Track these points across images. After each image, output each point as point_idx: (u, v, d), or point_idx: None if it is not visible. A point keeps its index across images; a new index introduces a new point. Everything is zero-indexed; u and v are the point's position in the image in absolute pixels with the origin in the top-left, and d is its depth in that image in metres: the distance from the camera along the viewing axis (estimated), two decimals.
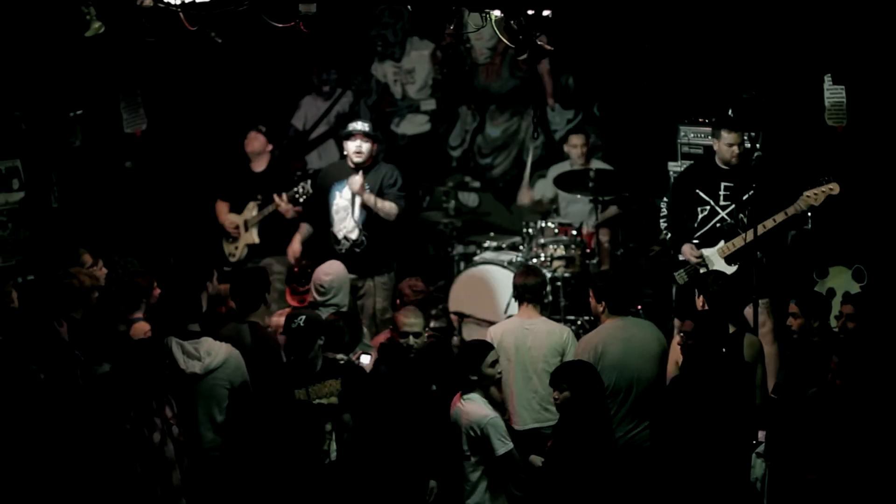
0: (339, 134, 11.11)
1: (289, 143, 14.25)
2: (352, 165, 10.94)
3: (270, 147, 12.14)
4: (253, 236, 11.86)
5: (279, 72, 14.15)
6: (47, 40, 11.04)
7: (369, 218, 10.86)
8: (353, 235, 10.81)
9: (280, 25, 10.99)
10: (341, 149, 14.23)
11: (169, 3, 10.37)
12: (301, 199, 11.39)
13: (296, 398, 7.88)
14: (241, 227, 11.92)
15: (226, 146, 13.06)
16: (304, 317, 8.12)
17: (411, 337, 8.39)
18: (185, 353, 7.84)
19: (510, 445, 8.00)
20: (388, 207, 10.86)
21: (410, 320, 8.47)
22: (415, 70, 14.52)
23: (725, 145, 10.13)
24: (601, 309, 8.79)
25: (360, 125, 10.98)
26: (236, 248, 11.91)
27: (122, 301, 9.09)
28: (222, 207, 12.15)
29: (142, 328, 8.86)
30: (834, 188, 9.71)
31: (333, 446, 7.98)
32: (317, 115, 14.55)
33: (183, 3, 10.40)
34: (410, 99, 14.58)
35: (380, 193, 10.93)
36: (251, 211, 11.83)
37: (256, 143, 12.03)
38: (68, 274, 8.73)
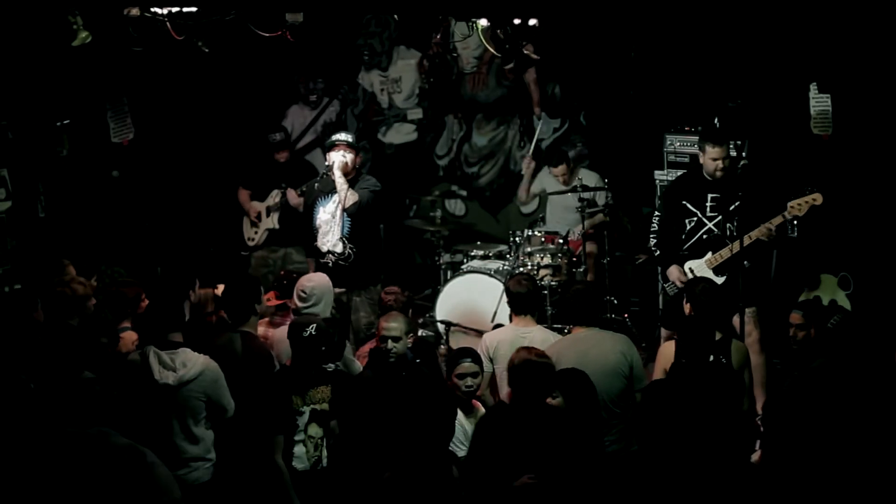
0: (324, 144, 11.14)
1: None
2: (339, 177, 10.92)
3: (294, 146, 12.97)
4: (273, 221, 12.38)
5: (266, 81, 14.15)
6: (34, 49, 11.04)
7: (353, 231, 10.79)
8: (338, 249, 10.78)
9: (267, 35, 11.01)
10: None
11: (156, 13, 10.38)
12: None
13: (294, 405, 7.88)
14: (263, 213, 12.37)
15: (247, 136, 13.45)
16: (314, 325, 8.11)
17: (390, 341, 8.35)
18: (161, 363, 7.78)
19: (460, 452, 7.96)
20: (352, 196, 10.77)
21: (390, 324, 8.43)
22: (401, 79, 14.54)
23: (710, 159, 10.11)
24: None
25: (342, 136, 10.94)
26: (256, 232, 12.42)
27: (108, 311, 9.08)
28: (245, 195, 12.63)
29: (130, 338, 8.85)
30: (817, 198, 9.71)
31: (325, 452, 7.98)
32: (304, 125, 14.57)
33: (170, 12, 10.42)
34: (397, 108, 14.59)
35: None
36: (274, 198, 12.23)
37: (282, 155, 12.66)
38: (62, 282, 8.74)
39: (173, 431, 7.78)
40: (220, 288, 9.74)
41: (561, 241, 12.07)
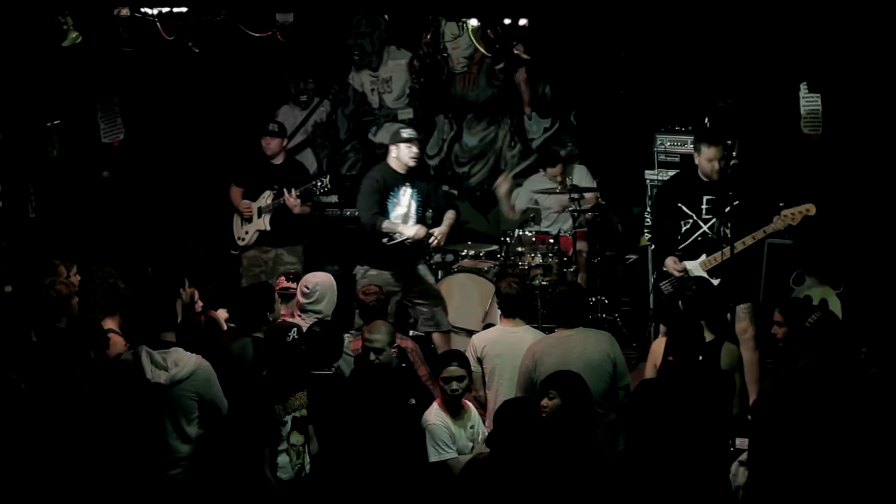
0: (395, 139, 10.95)
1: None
2: (402, 171, 10.83)
3: (286, 143, 12.42)
4: (265, 223, 12.13)
5: (256, 81, 14.15)
6: (24, 50, 11.03)
7: (423, 216, 11.00)
8: (421, 234, 10.77)
9: (257, 35, 11.03)
10: (318, 158, 14.38)
11: (146, 13, 10.39)
12: (318, 195, 11.82)
13: (276, 413, 7.86)
14: (255, 213, 12.18)
15: (237, 136, 13.38)
16: (295, 329, 8.10)
17: (372, 353, 8.36)
18: (153, 362, 7.74)
19: (447, 455, 8.05)
20: (453, 217, 10.99)
21: (373, 336, 8.42)
22: (392, 79, 14.54)
23: (706, 160, 9.95)
24: None
25: (415, 132, 10.98)
26: (247, 232, 12.21)
27: (98, 310, 9.07)
28: (237, 193, 12.38)
29: (120, 340, 8.83)
30: (811, 209, 9.63)
31: (307, 459, 7.94)
32: (294, 125, 14.56)
33: (160, 12, 10.42)
34: (388, 108, 14.59)
35: (426, 202, 11.01)
36: (266, 199, 12.07)
37: (273, 144, 12.17)
38: (45, 286, 8.72)
39: (166, 431, 7.73)
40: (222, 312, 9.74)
41: (552, 240, 12.07)
